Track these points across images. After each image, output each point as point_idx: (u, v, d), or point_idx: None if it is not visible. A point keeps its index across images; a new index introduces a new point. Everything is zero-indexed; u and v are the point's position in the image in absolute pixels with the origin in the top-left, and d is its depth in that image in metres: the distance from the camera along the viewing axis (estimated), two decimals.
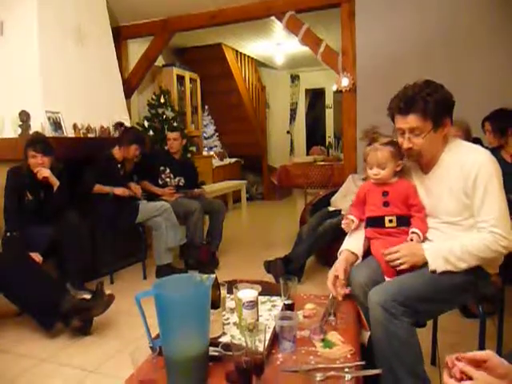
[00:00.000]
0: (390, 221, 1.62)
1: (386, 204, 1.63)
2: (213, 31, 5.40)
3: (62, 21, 3.78)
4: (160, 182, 3.94)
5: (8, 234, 2.77)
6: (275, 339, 1.31)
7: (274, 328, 1.34)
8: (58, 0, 3.76)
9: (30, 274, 2.42)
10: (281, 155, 8.48)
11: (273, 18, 4.54)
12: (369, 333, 1.52)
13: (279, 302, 1.63)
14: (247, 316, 1.37)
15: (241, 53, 7.31)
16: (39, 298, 2.35)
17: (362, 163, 2.12)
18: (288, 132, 8.98)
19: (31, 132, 3.30)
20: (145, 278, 3.51)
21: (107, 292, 2.45)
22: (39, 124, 3.42)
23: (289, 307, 1.50)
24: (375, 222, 1.65)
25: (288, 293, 1.52)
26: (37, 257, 2.60)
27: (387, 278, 1.55)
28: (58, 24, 3.73)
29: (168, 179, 3.96)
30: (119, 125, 4.11)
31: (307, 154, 7.68)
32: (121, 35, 4.99)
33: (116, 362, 2.14)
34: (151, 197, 3.80)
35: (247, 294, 1.38)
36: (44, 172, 2.84)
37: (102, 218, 3.33)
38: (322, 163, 5.15)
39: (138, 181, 3.80)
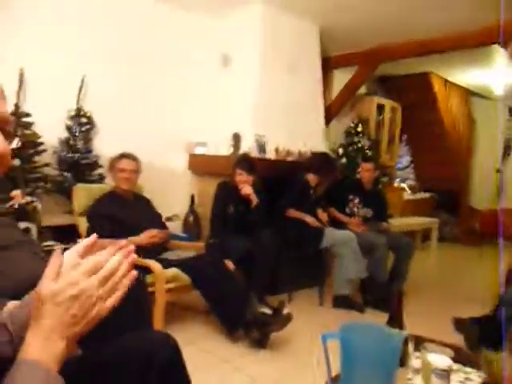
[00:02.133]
0: None
1: None
2: (421, 59, 5.16)
3: (280, 55, 4.17)
4: (347, 211, 3.92)
5: (211, 240, 3.16)
6: None
7: None
8: (278, 35, 4.16)
9: (223, 278, 2.69)
10: (485, 196, 7.48)
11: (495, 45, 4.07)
12: None
13: (475, 376, 1.40)
14: None
15: (450, 82, 6.78)
16: (228, 301, 2.58)
17: None
18: (498, 170, 7.86)
19: (240, 152, 3.71)
20: (321, 304, 3.52)
21: (286, 311, 2.55)
22: (248, 145, 3.82)
23: None
24: None
25: (489, 368, 1.29)
26: (230, 264, 2.88)
27: None
28: (276, 58, 4.13)
29: (355, 209, 3.91)
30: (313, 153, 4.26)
31: None
32: (328, 65, 5.21)
33: (287, 383, 2.18)
34: (336, 224, 3.81)
35: (440, 359, 1.22)
36: (247, 189, 3.14)
37: (289, 239, 3.49)
38: None
39: (325, 206, 3.86)
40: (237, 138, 3.89)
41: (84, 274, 0.65)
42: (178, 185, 4.25)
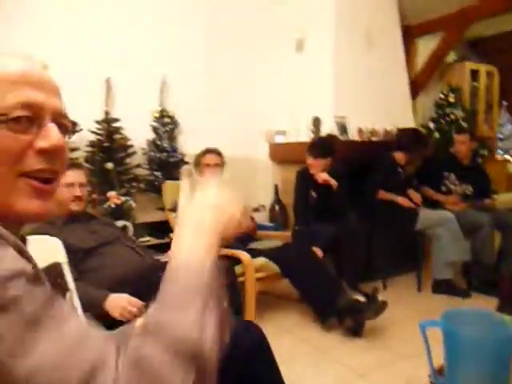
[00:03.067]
0: None
1: None
2: None
3: (354, 28, 3.97)
4: (443, 189, 3.61)
5: (296, 227, 3.12)
6: None
7: None
8: (353, 9, 3.95)
9: (312, 266, 2.64)
10: None
11: None
12: None
13: None
14: None
15: None
16: (318, 290, 2.53)
17: None
18: None
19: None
20: (419, 290, 3.30)
21: (380, 298, 2.42)
22: (328, 129, 3.69)
23: None
24: None
25: None
26: (318, 251, 2.81)
27: None
28: (350, 32, 3.94)
29: (453, 186, 3.59)
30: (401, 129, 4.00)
31: None
32: (410, 34, 4.84)
33: (385, 374, 2.07)
34: (431, 204, 3.54)
35: None
36: (322, 176, 3.03)
37: (379, 222, 3.31)
38: None
39: (417, 186, 3.61)
40: (317, 123, 3.78)
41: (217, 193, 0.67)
42: (261, 175, 4.26)
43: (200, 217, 0.61)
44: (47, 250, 1.73)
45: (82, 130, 2.83)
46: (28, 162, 0.60)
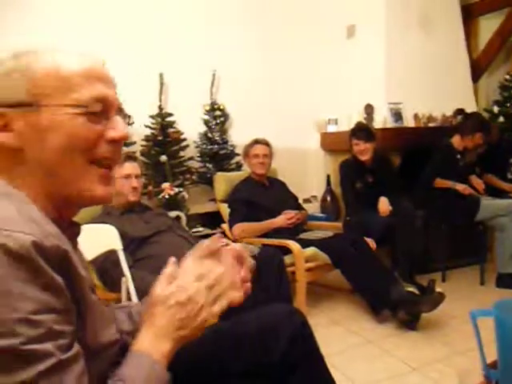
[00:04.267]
0: None
1: None
2: None
3: (409, 10, 3.79)
4: (509, 176, 3.38)
5: (347, 218, 3.06)
6: None
7: None
8: None
9: (364, 256, 2.58)
10: None
11: None
12: None
13: None
14: None
15: None
16: (371, 281, 2.47)
17: None
18: None
19: (374, 124, 3.49)
20: (482, 283, 3.11)
21: (437, 290, 2.32)
22: (382, 116, 3.57)
23: None
24: None
25: None
26: (371, 243, 2.74)
27: None
28: (404, 15, 3.76)
29: None
30: (458, 112, 3.78)
31: None
32: (471, 13, 4.54)
33: (440, 369, 1.98)
34: (497, 193, 3.32)
35: None
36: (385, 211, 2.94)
37: (437, 211, 3.16)
38: None
39: (480, 173, 3.39)
40: (369, 110, 3.67)
41: (195, 280, 0.70)
42: (313, 165, 4.22)
43: (162, 320, 0.67)
44: (104, 237, 1.83)
45: (134, 123, 2.95)
46: (99, 151, 0.67)
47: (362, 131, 3.08)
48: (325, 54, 4.06)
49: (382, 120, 3.57)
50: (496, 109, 4.49)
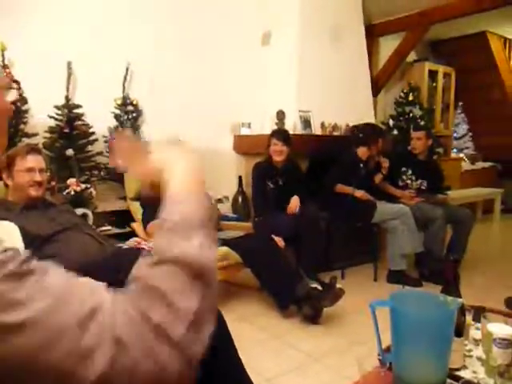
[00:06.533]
0: None
1: None
2: (475, 18, 4.78)
3: (319, 24, 4.04)
4: (400, 184, 3.77)
5: (256, 218, 3.18)
6: None
7: None
8: (318, 5, 4.02)
9: (272, 255, 2.69)
10: None
11: None
12: None
13: None
14: (497, 356, 1.14)
15: (510, 40, 6.26)
16: (278, 278, 2.59)
17: None
18: None
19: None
20: (375, 279, 3.44)
21: (338, 286, 2.51)
22: (292, 122, 3.76)
23: None
24: None
25: None
26: (280, 242, 2.87)
27: None
28: (315, 28, 4.01)
29: (409, 181, 3.75)
30: (352, 128, 4.10)
31: None
32: (373, 33, 4.99)
33: (339, 359, 2.16)
34: (390, 198, 3.68)
35: (501, 329, 1.14)
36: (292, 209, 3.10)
37: (338, 214, 3.42)
38: None
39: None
40: (281, 116, 3.84)
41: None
42: (226, 167, 4.27)
43: (181, 159, 0.65)
44: (3, 235, 1.68)
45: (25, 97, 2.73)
46: None
47: (282, 134, 3.26)
48: (241, 58, 4.16)
49: (292, 126, 3.75)
50: (391, 122, 4.99)
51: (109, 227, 3.14)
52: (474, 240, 3.72)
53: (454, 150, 6.59)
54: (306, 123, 3.86)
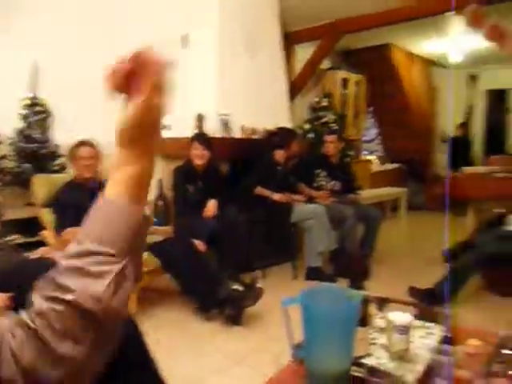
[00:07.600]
0: None
1: None
2: (382, 31, 5.18)
3: (238, 30, 4.11)
4: (315, 185, 3.96)
5: (177, 222, 3.16)
6: (427, 374, 1.17)
7: (429, 361, 1.20)
8: (236, 9, 4.09)
9: (193, 259, 2.69)
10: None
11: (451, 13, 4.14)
12: None
13: (436, 330, 1.45)
14: (397, 341, 1.25)
15: (411, 52, 6.87)
16: (199, 282, 2.59)
17: None
18: (445, 141, 8.04)
19: (204, 132, 3.67)
20: (295, 277, 3.57)
21: (258, 285, 2.58)
22: (212, 125, 3.78)
23: (447, 340, 1.32)
24: None
25: (447, 323, 1.35)
26: (200, 245, 2.87)
27: None
28: (234, 33, 4.07)
29: (323, 182, 3.96)
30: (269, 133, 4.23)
31: (484, 163, 6.76)
32: (290, 40, 5.18)
33: (259, 357, 2.22)
34: (307, 199, 3.85)
35: (401, 317, 1.26)
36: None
37: (259, 216, 3.51)
38: (502, 175, 4.44)
39: (294, 182, 3.89)
40: (200, 119, 3.84)
41: None
42: None
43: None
44: None
45: None
46: None
47: (204, 138, 3.29)
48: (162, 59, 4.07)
49: (212, 129, 3.77)
50: (307, 126, 5.22)
51: (15, 236, 2.92)
52: (382, 236, 4.03)
53: (365, 153, 7.06)
54: (226, 126, 3.90)
